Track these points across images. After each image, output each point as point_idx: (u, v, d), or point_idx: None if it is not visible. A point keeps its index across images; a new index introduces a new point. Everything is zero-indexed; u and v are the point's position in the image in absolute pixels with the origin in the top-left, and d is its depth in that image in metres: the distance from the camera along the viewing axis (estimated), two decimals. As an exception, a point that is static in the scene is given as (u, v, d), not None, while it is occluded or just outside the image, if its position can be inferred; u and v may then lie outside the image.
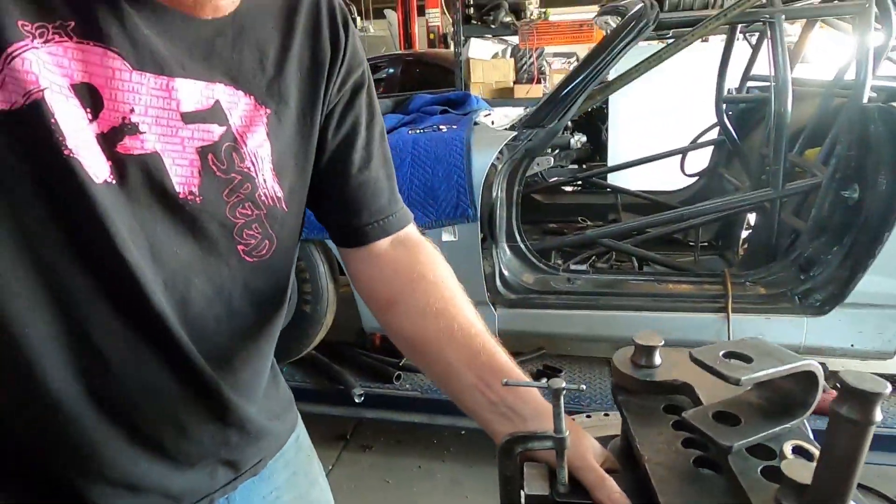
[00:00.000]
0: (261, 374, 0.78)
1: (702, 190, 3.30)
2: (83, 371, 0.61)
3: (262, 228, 0.67)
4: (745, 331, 2.01)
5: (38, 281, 0.57)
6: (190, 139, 0.60)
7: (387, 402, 2.31)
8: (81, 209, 0.55)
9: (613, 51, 1.99)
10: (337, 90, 0.71)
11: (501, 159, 2.07)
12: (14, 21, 0.50)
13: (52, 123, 0.52)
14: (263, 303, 0.72)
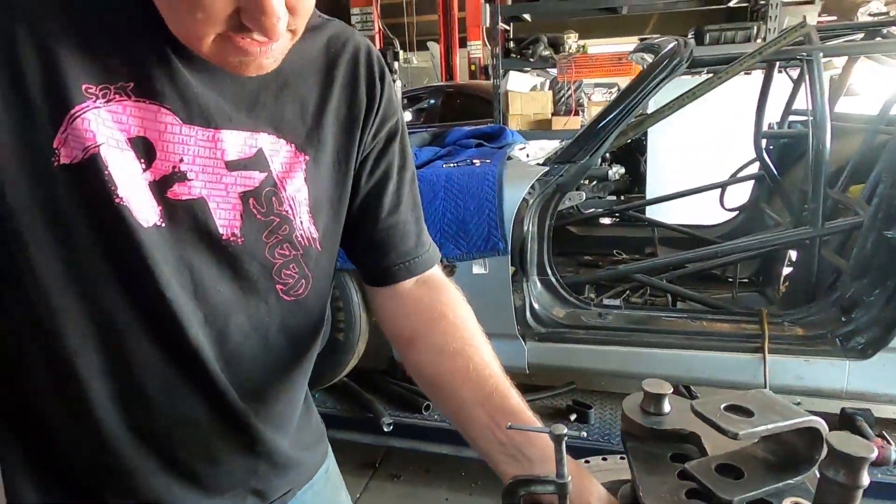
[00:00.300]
0: (293, 406, 0.82)
1: (741, 225, 3.24)
2: (124, 400, 0.66)
3: (298, 268, 0.71)
4: (783, 373, 1.95)
5: (89, 315, 0.62)
6: (233, 185, 0.65)
7: (415, 432, 2.32)
8: (129, 251, 0.60)
9: (646, 88, 2.00)
10: (371, 138, 0.76)
11: (533, 194, 2.09)
12: (80, 85, 0.57)
13: (106, 175, 0.58)
14: (298, 339, 0.76)
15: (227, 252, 0.66)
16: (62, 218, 0.59)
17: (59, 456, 0.69)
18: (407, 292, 0.81)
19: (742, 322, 2.09)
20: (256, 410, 0.73)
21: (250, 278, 0.68)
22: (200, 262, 0.65)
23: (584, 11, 5.26)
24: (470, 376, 0.74)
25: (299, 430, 0.84)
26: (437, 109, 7.83)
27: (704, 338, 2.07)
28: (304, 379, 0.83)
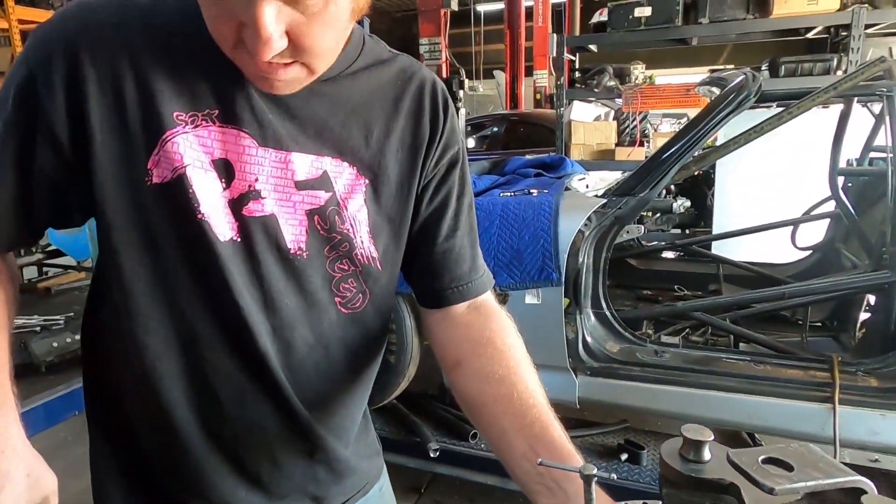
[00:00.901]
0: (353, 418, 0.85)
1: (815, 265, 3.07)
2: (198, 404, 0.72)
3: (357, 283, 0.76)
4: (855, 426, 1.82)
5: (170, 322, 0.69)
6: (301, 203, 0.71)
7: (461, 460, 2.30)
8: (208, 263, 0.66)
9: (711, 122, 1.96)
10: (434, 165, 0.80)
11: (589, 226, 2.07)
12: (171, 112, 0.64)
13: (191, 193, 0.65)
14: (357, 352, 0.80)
15: (294, 265, 0.71)
16: (151, 231, 0.66)
17: (143, 459, 0.76)
18: (458, 316, 0.83)
19: (811, 369, 1.98)
20: (318, 419, 0.77)
21: (313, 291, 0.73)
22: (270, 275, 0.70)
23: (653, 43, 5.19)
24: (513, 404, 0.74)
25: (357, 443, 0.87)
26: (500, 137, 7.90)
27: (769, 383, 1.97)
28: (364, 392, 0.86)
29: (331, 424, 0.80)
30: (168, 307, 0.69)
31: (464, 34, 11.83)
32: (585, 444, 2.29)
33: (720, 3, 4.37)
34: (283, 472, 0.78)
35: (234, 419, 0.73)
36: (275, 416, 0.74)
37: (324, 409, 0.79)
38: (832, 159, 2.56)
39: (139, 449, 0.76)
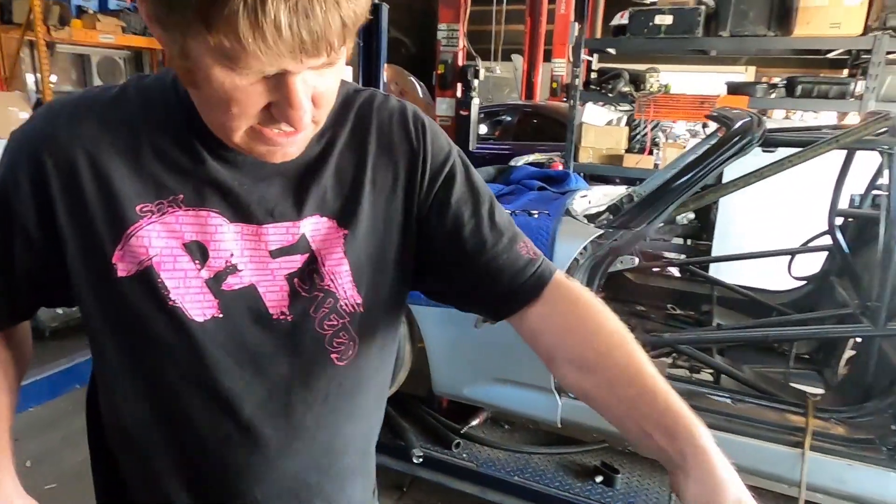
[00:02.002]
0: (356, 462, 0.86)
1: (808, 296, 3.10)
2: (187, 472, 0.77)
3: (347, 334, 0.77)
4: (822, 473, 1.89)
5: (153, 398, 0.74)
6: (278, 269, 0.73)
7: (443, 467, 2.38)
8: (184, 345, 0.70)
9: (713, 164, 1.98)
10: (426, 192, 0.78)
11: (584, 254, 2.11)
12: (133, 207, 0.67)
13: (159, 283, 0.68)
14: (359, 398, 0.81)
15: (279, 330, 0.73)
16: (125, 319, 0.70)
17: None
18: (528, 317, 0.80)
19: (787, 412, 2.03)
20: (319, 470, 0.80)
21: (305, 352, 0.75)
22: (256, 343, 0.72)
23: (672, 51, 5.14)
24: (613, 390, 0.73)
25: (354, 485, 0.88)
26: (512, 127, 7.88)
27: (745, 422, 2.03)
28: (369, 432, 0.88)
29: (330, 473, 0.82)
30: (150, 384, 0.73)
31: (484, 12, 11.67)
32: (563, 462, 2.37)
33: (742, 18, 4.32)
34: None
35: (223, 480, 0.76)
36: (265, 475, 0.77)
37: (324, 466, 0.81)
38: (833, 199, 2.58)
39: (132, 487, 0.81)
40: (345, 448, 0.84)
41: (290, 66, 0.55)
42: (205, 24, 0.51)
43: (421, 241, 0.80)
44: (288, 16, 0.50)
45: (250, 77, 0.56)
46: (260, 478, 0.77)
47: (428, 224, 0.79)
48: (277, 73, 0.56)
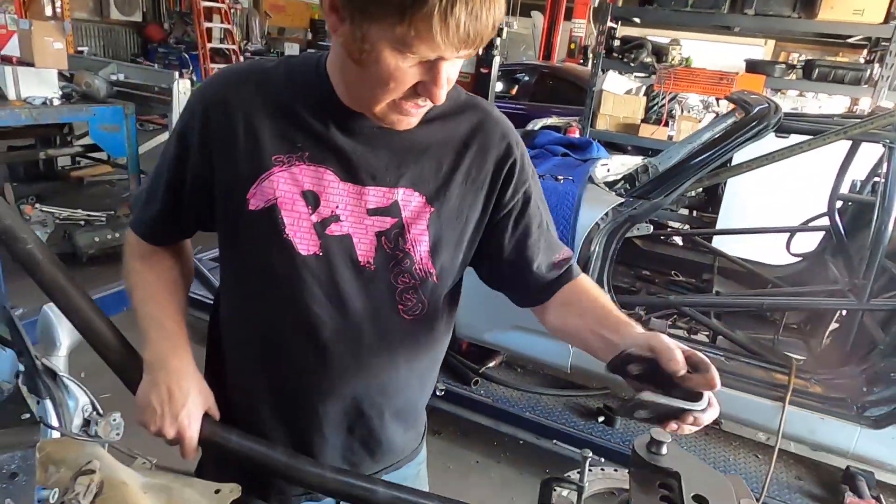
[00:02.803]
0: (405, 407, 1.05)
1: (803, 272, 3.33)
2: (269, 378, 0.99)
3: (416, 294, 0.95)
4: (798, 423, 2.16)
5: (253, 318, 0.96)
6: (371, 226, 0.91)
7: (461, 401, 2.67)
8: (289, 272, 0.90)
9: (729, 146, 2.18)
10: (508, 200, 0.97)
11: (605, 220, 2.33)
12: (270, 156, 0.88)
13: (280, 219, 0.88)
14: (418, 353, 1.00)
15: (364, 276, 0.91)
16: (246, 244, 0.92)
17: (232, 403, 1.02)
18: (549, 304, 1.02)
19: (773, 371, 2.30)
20: (370, 404, 0.99)
21: (379, 298, 0.93)
22: (344, 282, 0.91)
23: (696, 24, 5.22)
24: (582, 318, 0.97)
25: (400, 426, 1.07)
26: (529, 87, 7.92)
27: (735, 378, 2.29)
28: (421, 386, 1.06)
29: (380, 410, 1.00)
30: (256, 303, 0.94)
31: (508, -34, 11.47)
32: (570, 403, 2.66)
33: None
34: (326, 440, 1.00)
35: (294, 392, 0.97)
36: (328, 395, 0.96)
37: (378, 398, 0.99)
38: (835, 183, 2.78)
39: (227, 384, 1.03)
40: (397, 392, 1.01)
41: (448, 54, 0.74)
42: (399, 17, 0.68)
43: (490, 236, 0.98)
44: (466, 17, 0.69)
45: (412, 60, 0.73)
46: (324, 397, 0.97)
47: (501, 225, 0.98)
48: (435, 59, 0.75)
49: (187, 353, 0.94)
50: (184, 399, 0.88)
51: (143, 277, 0.99)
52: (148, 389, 0.89)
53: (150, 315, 0.95)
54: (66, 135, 5.44)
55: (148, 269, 0.99)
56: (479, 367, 2.75)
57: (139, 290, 0.98)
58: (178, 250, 1.04)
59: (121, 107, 4.96)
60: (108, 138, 5.10)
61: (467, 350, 2.89)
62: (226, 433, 0.92)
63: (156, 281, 0.98)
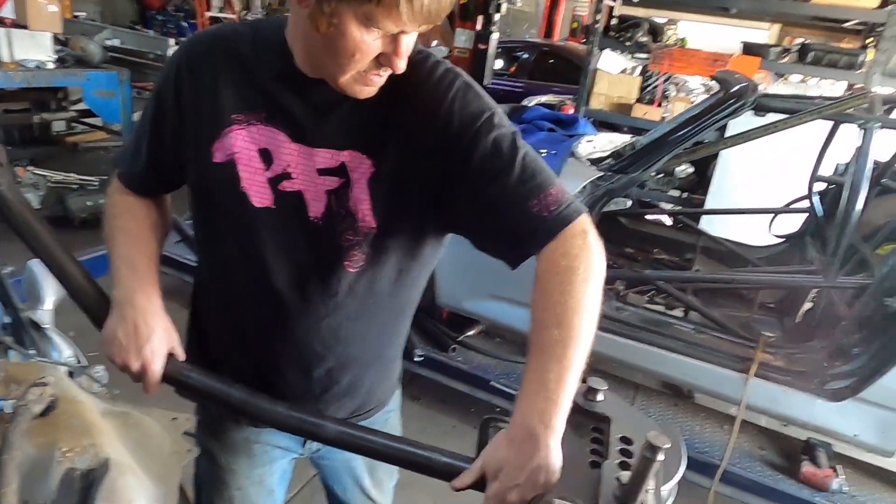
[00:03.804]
0: (366, 355, 1.11)
1: (783, 253, 3.39)
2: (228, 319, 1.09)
3: (360, 249, 0.99)
4: (761, 394, 2.23)
5: (215, 262, 1.06)
6: (322, 185, 0.96)
7: (440, 367, 2.74)
8: (244, 222, 0.97)
9: (706, 122, 2.21)
10: (453, 145, 0.93)
11: (583, 193, 2.37)
12: (229, 115, 0.95)
13: (237, 172, 0.95)
14: (365, 305, 1.05)
15: (313, 230, 0.97)
16: (209, 194, 1.00)
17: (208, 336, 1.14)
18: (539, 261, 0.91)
19: (741, 345, 2.36)
20: (323, 349, 1.05)
21: (326, 251, 0.98)
22: (294, 235, 0.98)
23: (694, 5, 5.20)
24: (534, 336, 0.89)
25: (362, 375, 1.13)
26: (528, 65, 7.89)
27: (704, 350, 2.35)
28: (372, 339, 1.10)
29: (334, 354, 1.06)
30: (218, 251, 1.02)
31: (513, -60, 11.32)
32: (544, 372, 2.72)
33: (766, -22, 4.40)
34: (285, 379, 1.08)
35: (254, 335, 1.05)
36: (283, 338, 1.03)
37: (330, 342, 1.05)
38: (815, 165, 2.82)
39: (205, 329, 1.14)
40: (349, 341, 1.07)
41: (409, 28, 0.80)
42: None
43: (450, 188, 0.95)
44: None
45: (376, 34, 0.81)
46: (279, 338, 1.04)
47: (455, 173, 0.94)
48: (397, 33, 0.81)
49: (155, 293, 0.99)
50: (149, 334, 0.94)
51: (122, 224, 1.05)
52: (115, 324, 0.95)
53: (123, 256, 1.01)
54: (60, 100, 5.44)
55: (128, 217, 1.06)
56: (457, 336, 2.81)
57: (116, 235, 1.04)
58: (158, 203, 1.12)
59: (115, 73, 4.96)
60: (103, 104, 5.12)
61: (447, 318, 2.95)
62: (187, 371, 0.98)
63: (133, 228, 1.05)
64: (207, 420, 1.21)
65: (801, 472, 2.20)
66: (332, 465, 1.35)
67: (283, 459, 1.26)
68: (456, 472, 0.90)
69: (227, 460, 1.21)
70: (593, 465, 0.88)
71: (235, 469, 1.21)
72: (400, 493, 2.27)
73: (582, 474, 0.86)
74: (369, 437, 0.94)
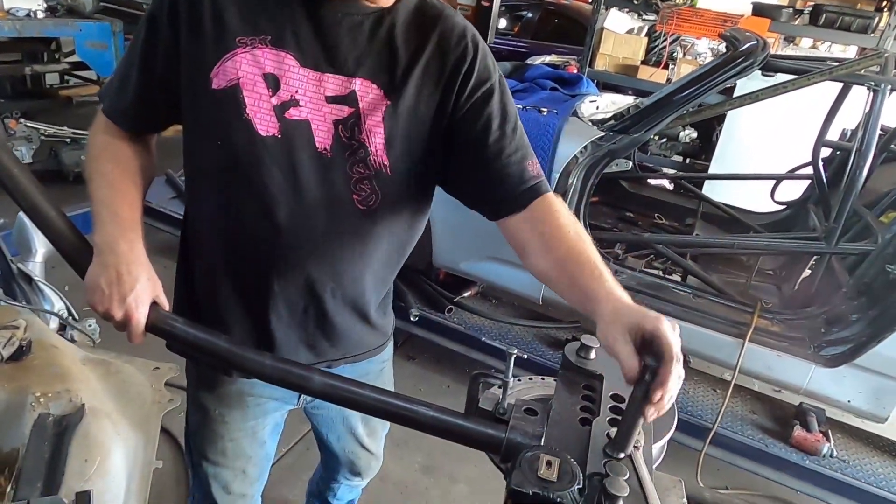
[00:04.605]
0: (365, 298, 1.10)
1: (785, 220, 3.35)
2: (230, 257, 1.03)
3: (370, 185, 0.98)
4: (755, 359, 2.23)
5: (217, 195, 0.99)
6: (329, 114, 0.94)
7: (435, 328, 2.73)
8: (248, 152, 0.93)
9: (713, 82, 2.14)
10: (466, 98, 0.97)
11: (584, 153, 2.32)
12: (234, 38, 0.91)
13: (241, 97, 0.91)
14: (370, 245, 1.04)
15: (320, 162, 0.95)
16: (209, 123, 0.94)
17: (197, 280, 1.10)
18: (516, 221, 0.99)
19: (738, 310, 2.35)
20: (321, 287, 1.04)
21: (334, 185, 0.96)
22: (302, 167, 0.95)
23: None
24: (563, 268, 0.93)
25: (358, 317, 1.13)
26: (532, 24, 7.69)
27: (701, 315, 2.34)
28: (375, 281, 1.10)
29: (332, 294, 1.05)
30: (219, 182, 0.97)
31: None
32: (540, 334, 2.73)
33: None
34: (281, 318, 1.06)
35: (254, 269, 1.02)
36: (283, 274, 1.01)
37: (330, 282, 1.03)
38: (821, 131, 2.76)
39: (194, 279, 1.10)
40: (350, 281, 1.06)
41: None
42: None
43: (451, 137, 0.99)
44: None
45: None
46: (279, 276, 1.02)
47: (461, 124, 0.98)
48: None
49: (138, 241, 0.96)
50: (132, 283, 0.91)
51: (105, 166, 1.00)
52: (97, 272, 0.91)
53: (104, 201, 0.96)
54: (53, 51, 5.31)
55: (110, 159, 1.00)
56: (454, 296, 2.80)
57: (98, 178, 0.99)
58: (144, 146, 1.06)
59: (108, 24, 4.82)
60: (96, 56, 4.99)
61: (444, 279, 2.94)
62: (172, 321, 0.95)
63: (116, 171, 0.99)
64: (199, 372, 1.20)
65: (792, 436, 2.21)
66: (327, 414, 1.35)
67: (276, 412, 1.26)
68: (444, 427, 0.89)
69: (221, 412, 1.20)
70: (583, 423, 0.87)
71: (228, 421, 1.21)
72: (394, 450, 2.31)
73: (572, 431, 0.85)
74: (358, 391, 0.92)
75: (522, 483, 0.70)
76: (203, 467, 1.24)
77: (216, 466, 1.24)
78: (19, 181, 0.94)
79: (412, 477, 2.27)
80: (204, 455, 1.23)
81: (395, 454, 2.32)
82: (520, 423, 0.86)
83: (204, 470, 1.24)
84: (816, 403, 2.29)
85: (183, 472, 2.07)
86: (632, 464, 0.77)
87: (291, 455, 2.26)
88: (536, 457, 0.74)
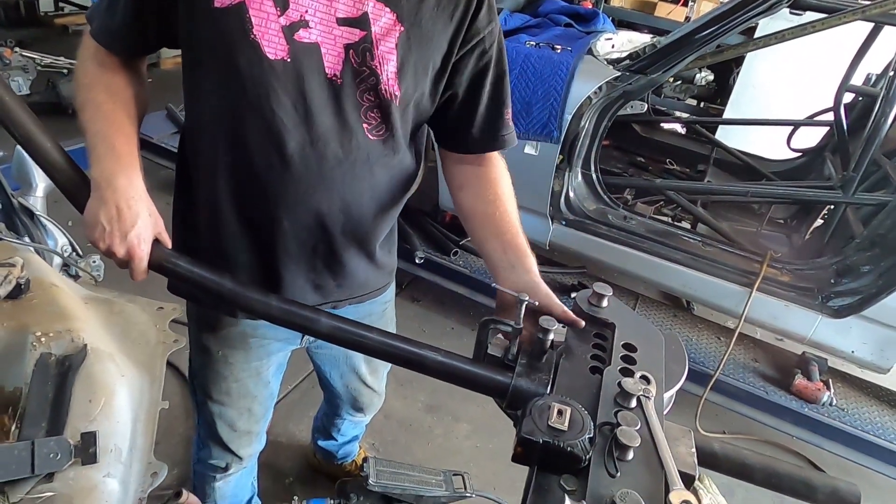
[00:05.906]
0: (364, 232, 1.08)
1: (800, 168, 3.27)
2: (237, 191, 0.99)
3: (380, 114, 0.96)
4: (761, 308, 2.22)
5: (222, 124, 0.94)
6: (340, 37, 0.90)
7: (440, 270, 2.72)
8: (256, 75, 0.88)
9: (737, 20, 2.03)
10: (472, 36, 0.97)
11: (599, 94, 2.23)
12: None
13: (246, 18, 0.85)
14: (381, 177, 1.02)
15: (330, 88, 0.91)
16: (213, 46, 0.88)
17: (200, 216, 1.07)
18: (468, 159, 1.10)
19: (747, 259, 2.32)
20: (331, 222, 1.02)
21: (344, 113, 0.93)
22: (310, 93, 0.91)
23: None
24: (494, 219, 1.05)
25: (364, 256, 1.12)
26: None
27: (709, 263, 2.32)
28: (381, 216, 1.09)
29: (342, 229, 1.04)
30: (224, 109, 0.91)
31: None
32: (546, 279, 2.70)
33: None
34: (290, 255, 1.04)
35: (262, 204, 0.99)
36: (292, 207, 0.98)
37: (340, 215, 1.01)
38: (846, 75, 2.65)
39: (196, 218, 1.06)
40: (358, 216, 1.04)
41: None
42: None
43: (451, 70, 0.98)
44: None
45: None
46: (288, 209, 0.99)
47: (464, 59, 0.98)
48: None
49: (137, 175, 0.92)
50: (134, 219, 0.88)
51: (98, 95, 0.94)
52: (96, 207, 0.88)
53: (100, 133, 0.91)
54: (46, -24, 5.10)
55: (102, 88, 0.95)
56: (459, 239, 2.77)
57: (90, 108, 0.93)
58: (135, 73, 0.99)
59: (101, -54, 4.60)
60: (91, -18, 4.79)
61: (450, 222, 2.90)
62: (175, 258, 0.93)
63: (108, 102, 0.94)
64: (203, 313, 1.18)
65: (793, 384, 2.23)
66: (330, 352, 1.36)
67: (280, 353, 1.26)
68: (449, 371, 0.89)
69: (225, 353, 1.19)
70: (594, 371, 0.86)
71: (232, 362, 1.21)
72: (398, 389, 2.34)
73: (582, 379, 0.84)
74: (365, 334, 0.91)
75: (533, 431, 0.69)
76: (208, 406, 1.25)
77: (221, 406, 1.25)
78: (12, 110, 0.90)
79: (416, 415, 2.31)
80: (209, 395, 1.24)
81: (400, 393, 2.36)
82: (526, 369, 0.85)
83: (209, 409, 1.25)
84: (819, 353, 2.29)
85: (191, 406, 2.11)
86: (643, 413, 0.76)
87: (297, 392, 2.30)
88: (547, 405, 0.73)
